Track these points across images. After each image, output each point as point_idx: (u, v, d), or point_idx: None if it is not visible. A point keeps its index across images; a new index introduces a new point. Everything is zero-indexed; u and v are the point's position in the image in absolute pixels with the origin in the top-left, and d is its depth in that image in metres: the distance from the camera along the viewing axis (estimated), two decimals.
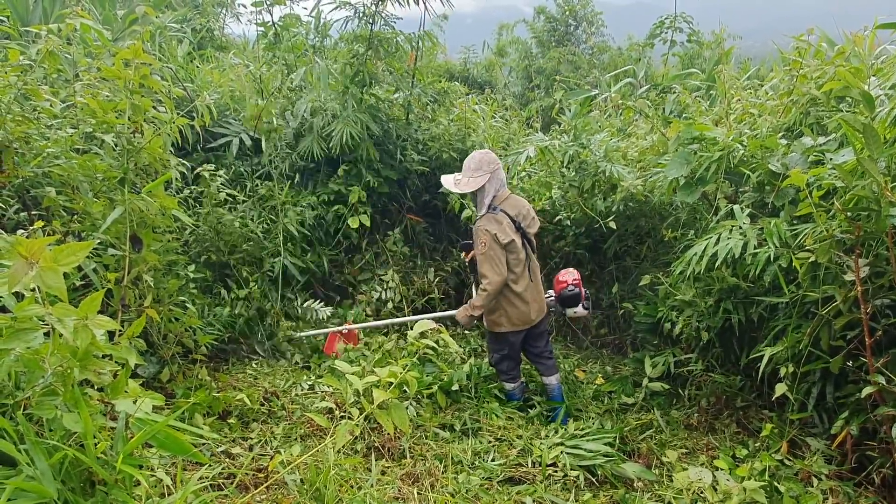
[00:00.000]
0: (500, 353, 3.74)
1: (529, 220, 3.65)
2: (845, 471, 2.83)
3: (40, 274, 1.23)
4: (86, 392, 1.51)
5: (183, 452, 1.47)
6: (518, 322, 3.60)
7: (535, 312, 3.63)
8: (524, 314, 3.59)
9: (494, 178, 3.54)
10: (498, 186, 3.56)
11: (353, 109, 4.72)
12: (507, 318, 3.60)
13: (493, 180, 3.53)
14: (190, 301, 3.61)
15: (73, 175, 2.50)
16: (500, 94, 10.55)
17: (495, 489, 2.82)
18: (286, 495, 2.52)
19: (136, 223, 2.73)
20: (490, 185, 3.53)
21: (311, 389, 3.71)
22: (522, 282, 3.56)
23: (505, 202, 3.56)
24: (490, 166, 3.53)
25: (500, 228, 3.45)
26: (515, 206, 3.58)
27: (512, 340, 3.68)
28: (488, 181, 3.52)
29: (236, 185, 4.73)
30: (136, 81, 2.48)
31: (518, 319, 3.59)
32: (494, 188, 3.55)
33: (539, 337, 3.79)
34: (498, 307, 3.60)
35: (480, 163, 3.54)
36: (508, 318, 3.59)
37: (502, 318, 3.61)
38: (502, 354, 3.73)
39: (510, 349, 3.71)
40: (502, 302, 3.58)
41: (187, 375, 3.42)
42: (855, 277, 2.55)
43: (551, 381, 3.80)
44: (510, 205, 3.56)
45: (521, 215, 3.58)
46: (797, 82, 3.65)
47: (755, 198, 3.43)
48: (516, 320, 3.59)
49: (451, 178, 3.72)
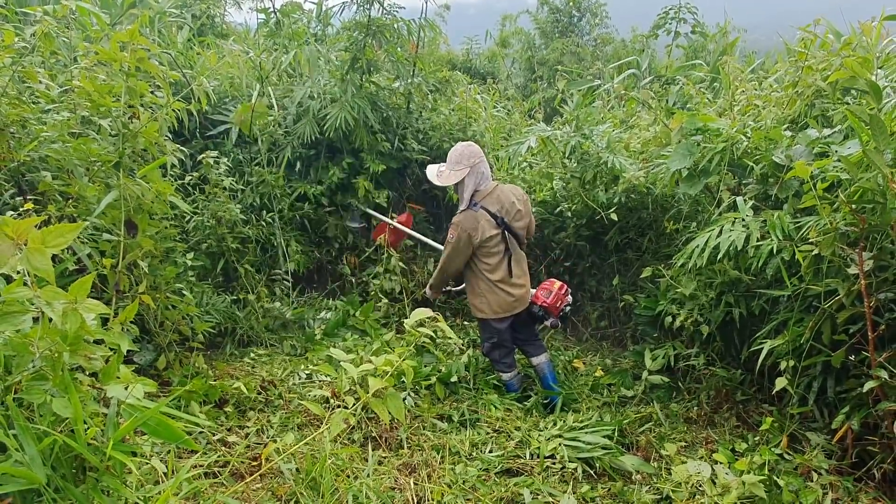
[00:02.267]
0: (489, 342, 3.76)
1: (514, 213, 3.57)
2: (845, 466, 2.81)
3: (27, 255, 1.20)
4: (76, 377, 1.49)
5: (175, 439, 1.44)
6: (498, 309, 3.62)
7: (517, 302, 3.64)
8: (504, 301, 3.60)
9: (474, 173, 3.49)
10: (479, 181, 3.51)
11: (353, 95, 4.68)
12: (488, 305, 3.62)
13: (472, 174, 3.49)
14: (188, 289, 3.59)
15: (67, 159, 2.47)
16: (502, 84, 10.49)
17: (492, 480, 2.81)
18: (282, 484, 2.50)
19: (132, 208, 2.70)
20: (469, 180, 3.49)
21: (308, 378, 3.69)
22: (499, 272, 3.57)
23: (487, 197, 3.51)
24: (470, 160, 3.48)
25: (476, 227, 3.45)
26: (499, 201, 3.52)
27: (497, 327, 3.69)
28: (468, 175, 3.48)
29: (235, 173, 4.71)
30: (132, 64, 2.44)
31: (498, 306, 3.61)
32: (474, 182, 3.51)
33: (525, 324, 3.82)
34: (479, 293, 3.64)
35: (461, 156, 3.50)
36: (489, 304, 3.62)
37: (484, 305, 3.64)
38: (492, 343, 3.75)
39: (498, 336, 3.72)
40: (482, 288, 3.62)
41: (184, 363, 3.40)
42: (859, 271, 2.52)
43: (540, 360, 3.82)
44: (493, 199, 3.51)
45: (505, 209, 3.53)
46: (802, 73, 3.61)
47: (758, 190, 3.39)
48: (496, 307, 3.62)
49: (434, 168, 3.68)
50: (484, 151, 5.62)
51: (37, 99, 3.14)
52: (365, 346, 4.24)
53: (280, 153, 5.00)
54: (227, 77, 5.34)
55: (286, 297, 4.71)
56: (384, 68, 5.10)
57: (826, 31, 3.89)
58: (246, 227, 4.45)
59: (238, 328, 4.12)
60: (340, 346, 4.26)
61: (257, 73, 5.02)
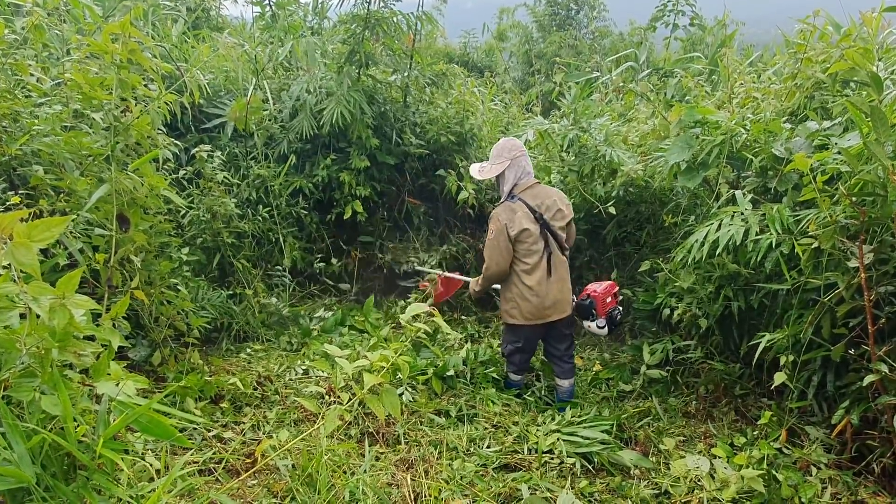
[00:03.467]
0: (513, 345, 3.62)
1: (555, 212, 3.45)
2: (845, 460, 2.80)
3: (12, 250, 1.17)
4: (66, 374, 1.46)
5: (167, 437, 1.42)
6: (530, 316, 3.45)
7: (551, 309, 3.46)
8: (537, 309, 3.43)
9: (515, 166, 3.46)
10: (519, 174, 3.47)
11: (349, 88, 4.64)
12: (520, 311, 3.47)
13: (512, 167, 3.46)
14: (183, 284, 3.56)
15: (58, 152, 2.43)
16: (500, 78, 10.45)
17: (490, 476, 2.79)
18: (278, 480, 2.48)
19: (125, 203, 2.67)
20: (510, 172, 3.47)
21: (305, 374, 3.67)
22: (536, 274, 3.41)
23: (526, 191, 3.45)
24: (510, 153, 3.47)
25: (513, 217, 3.36)
26: (538, 197, 3.45)
27: (527, 335, 3.56)
28: (507, 168, 3.47)
29: (230, 167, 4.67)
30: (124, 57, 2.41)
31: (530, 314, 3.45)
32: (515, 176, 3.47)
33: (561, 339, 3.64)
34: (511, 298, 3.50)
35: (502, 150, 3.50)
36: (521, 311, 3.47)
37: (515, 311, 3.49)
38: (516, 347, 3.61)
39: (525, 343, 3.59)
40: (514, 293, 3.48)
41: (179, 359, 3.37)
42: (859, 264, 2.50)
43: (563, 385, 3.67)
44: (532, 194, 3.45)
45: (545, 206, 3.43)
46: (802, 65, 3.58)
47: (757, 183, 3.37)
48: (528, 314, 3.45)
49: (478, 165, 3.67)
50: (481, 145, 5.63)
51: (29, 92, 3.10)
52: (362, 341, 4.22)
53: (276, 148, 4.97)
54: (222, 70, 5.29)
55: (283, 293, 4.68)
56: (381, 62, 5.06)
57: (825, 22, 3.86)
58: (242, 222, 4.42)
59: (234, 323, 4.09)
60: (337, 341, 4.24)
61: (253, 67, 4.98)
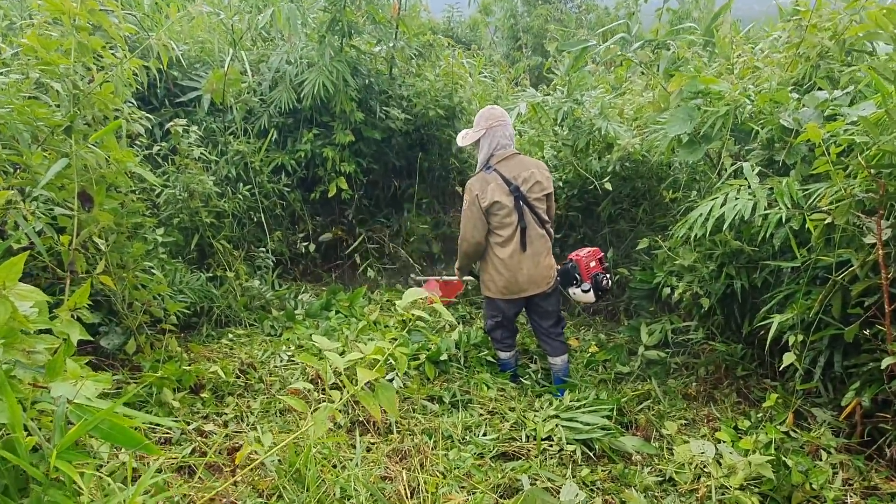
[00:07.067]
0: (493, 320, 3.55)
1: (532, 184, 3.32)
2: (854, 444, 2.70)
3: None
4: (13, 375, 1.27)
5: (132, 444, 1.24)
6: (505, 291, 3.39)
7: (526, 284, 3.36)
8: (510, 283, 3.36)
9: (490, 135, 3.33)
10: (495, 144, 3.33)
11: (331, 58, 4.41)
12: (494, 284, 3.42)
13: (488, 136, 3.33)
14: (158, 267, 3.35)
15: (11, 123, 2.20)
16: (486, 52, 10.20)
17: (488, 466, 2.65)
18: (263, 477, 2.32)
19: (92, 179, 2.45)
20: (485, 141, 3.34)
21: (290, 361, 3.48)
22: (508, 247, 3.32)
23: (503, 162, 3.32)
24: (487, 122, 3.34)
25: (485, 189, 3.26)
26: (515, 168, 3.31)
27: (503, 307, 3.48)
28: (483, 137, 3.35)
29: (208, 142, 4.43)
30: (84, 17, 2.17)
31: (505, 288, 3.38)
32: (489, 146, 3.34)
33: (545, 315, 3.52)
34: (486, 270, 3.45)
35: (480, 118, 3.39)
36: (494, 283, 3.41)
37: (490, 283, 3.44)
38: (496, 321, 3.54)
39: (503, 317, 3.51)
40: (489, 266, 3.42)
41: (156, 347, 3.18)
42: (876, 240, 2.37)
43: (556, 363, 3.56)
44: (509, 165, 3.31)
45: (522, 178, 3.30)
46: (806, 33, 3.42)
47: (763, 156, 3.21)
48: (503, 288, 3.39)
49: (463, 132, 3.53)
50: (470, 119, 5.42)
51: None
52: (350, 325, 4.04)
53: (256, 122, 4.73)
54: (196, 41, 5.01)
55: (266, 275, 4.48)
56: (365, 31, 4.81)
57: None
58: (221, 201, 4.19)
59: (215, 308, 3.88)
60: (324, 326, 4.05)
61: (230, 37, 4.71)
